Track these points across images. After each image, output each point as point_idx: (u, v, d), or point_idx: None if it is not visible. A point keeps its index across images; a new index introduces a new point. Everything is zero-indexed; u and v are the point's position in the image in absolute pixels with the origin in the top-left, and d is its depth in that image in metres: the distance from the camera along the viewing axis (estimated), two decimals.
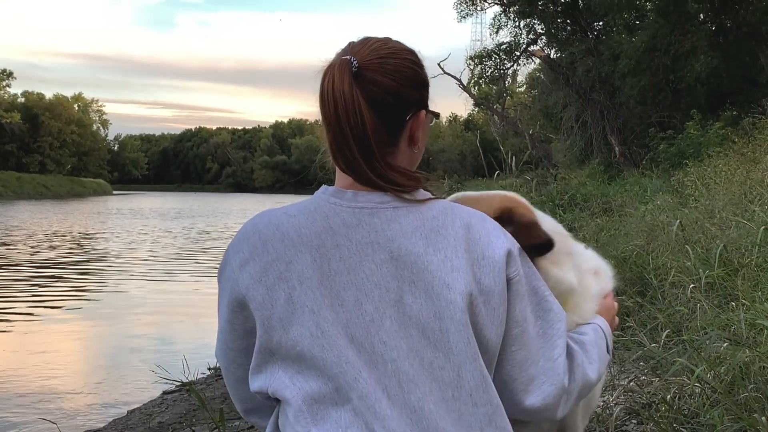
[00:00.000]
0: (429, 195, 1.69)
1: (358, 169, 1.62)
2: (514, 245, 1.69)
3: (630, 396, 4.10)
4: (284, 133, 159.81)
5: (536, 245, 1.85)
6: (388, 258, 1.59)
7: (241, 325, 1.62)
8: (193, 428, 5.33)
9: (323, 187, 1.70)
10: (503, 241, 1.67)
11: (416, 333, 1.56)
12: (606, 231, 8.13)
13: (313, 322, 1.52)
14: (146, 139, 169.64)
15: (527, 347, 1.67)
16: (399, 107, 1.67)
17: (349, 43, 1.73)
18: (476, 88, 33.01)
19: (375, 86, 1.63)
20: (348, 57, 1.64)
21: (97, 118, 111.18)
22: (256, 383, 1.60)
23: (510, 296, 1.65)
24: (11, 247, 21.40)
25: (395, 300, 1.57)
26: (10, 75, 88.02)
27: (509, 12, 28.48)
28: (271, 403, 1.66)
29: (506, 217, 1.89)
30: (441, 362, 1.56)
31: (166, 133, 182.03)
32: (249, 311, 1.58)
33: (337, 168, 1.71)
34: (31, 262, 17.64)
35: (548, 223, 1.98)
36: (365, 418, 1.48)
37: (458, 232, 1.64)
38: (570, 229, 8.39)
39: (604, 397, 4.17)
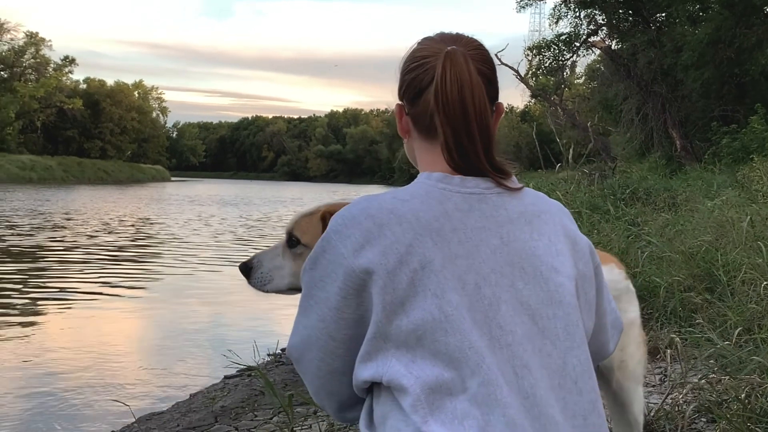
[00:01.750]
0: (519, 183, 1.72)
1: (473, 156, 1.63)
2: None
3: (699, 394, 4.03)
4: (339, 123, 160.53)
5: None
6: (500, 243, 1.60)
7: (352, 313, 1.59)
8: (255, 413, 5.38)
9: (425, 174, 1.68)
10: (580, 232, 1.78)
11: (527, 319, 1.57)
12: (672, 226, 8.00)
13: (435, 305, 1.50)
14: (204, 127, 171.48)
15: (607, 316, 1.85)
16: (494, 97, 1.71)
17: (427, 39, 1.73)
18: (534, 79, 32.71)
19: (482, 76, 1.65)
20: (454, 47, 1.64)
21: (157, 106, 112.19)
22: (366, 372, 1.57)
23: (597, 283, 1.76)
24: (72, 230, 21.81)
25: (509, 285, 1.57)
26: (72, 62, 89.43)
27: (570, 2, 28.14)
28: (363, 395, 1.64)
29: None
30: (549, 349, 1.57)
31: (223, 121, 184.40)
32: (365, 296, 1.56)
33: (425, 156, 1.72)
34: (91, 246, 17.95)
35: None
36: (483, 408, 1.45)
37: (555, 218, 1.70)
38: (633, 224, 8.24)
39: (672, 394, 4.12)
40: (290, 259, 2.40)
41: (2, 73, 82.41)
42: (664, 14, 26.10)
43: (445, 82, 1.60)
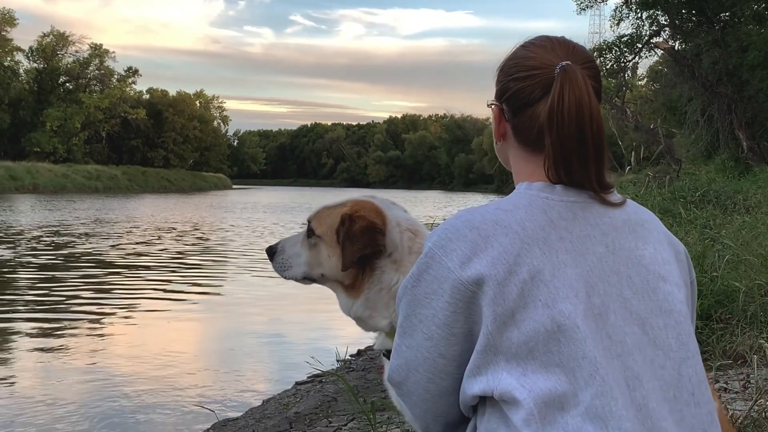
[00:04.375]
0: (620, 197, 1.69)
1: (582, 175, 1.59)
2: None
3: None
4: (398, 129, 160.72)
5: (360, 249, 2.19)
6: (606, 252, 1.57)
7: (461, 328, 1.56)
8: (329, 419, 5.39)
9: (525, 183, 1.66)
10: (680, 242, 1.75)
11: (638, 329, 1.53)
12: (749, 229, 7.82)
13: (547, 316, 1.47)
14: (264, 135, 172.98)
15: None
16: None
17: (535, 46, 1.69)
18: None
19: (596, 93, 1.63)
20: (569, 63, 1.61)
21: (218, 114, 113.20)
22: (476, 386, 1.54)
23: (693, 296, 1.74)
24: (138, 237, 22.17)
25: (617, 294, 1.54)
26: (135, 73, 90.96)
27: (631, 3, 27.76)
28: (470, 414, 1.62)
29: (343, 223, 2.25)
30: (661, 360, 1.53)
31: (282, 128, 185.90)
32: (474, 309, 1.53)
33: (524, 165, 1.70)
34: (157, 253, 18.24)
35: (404, 223, 2.26)
36: (596, 422, 1.42)
37: (657, 226, 1.69)
38: (706, 227, 8.06)
39: (759, 400, 4.02)
40: (306, 249, 2.41)
41: (68, 84, 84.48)
42: (728, 13, 25.59)
43: (563, 104, 1.56)
